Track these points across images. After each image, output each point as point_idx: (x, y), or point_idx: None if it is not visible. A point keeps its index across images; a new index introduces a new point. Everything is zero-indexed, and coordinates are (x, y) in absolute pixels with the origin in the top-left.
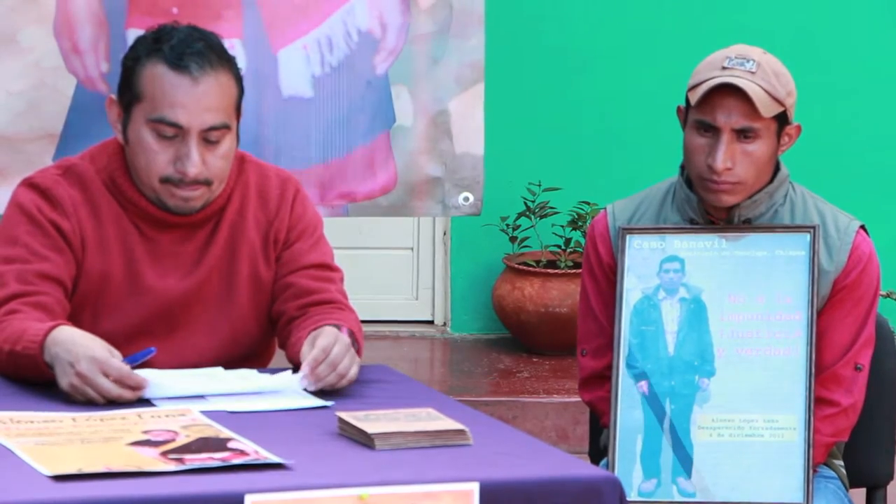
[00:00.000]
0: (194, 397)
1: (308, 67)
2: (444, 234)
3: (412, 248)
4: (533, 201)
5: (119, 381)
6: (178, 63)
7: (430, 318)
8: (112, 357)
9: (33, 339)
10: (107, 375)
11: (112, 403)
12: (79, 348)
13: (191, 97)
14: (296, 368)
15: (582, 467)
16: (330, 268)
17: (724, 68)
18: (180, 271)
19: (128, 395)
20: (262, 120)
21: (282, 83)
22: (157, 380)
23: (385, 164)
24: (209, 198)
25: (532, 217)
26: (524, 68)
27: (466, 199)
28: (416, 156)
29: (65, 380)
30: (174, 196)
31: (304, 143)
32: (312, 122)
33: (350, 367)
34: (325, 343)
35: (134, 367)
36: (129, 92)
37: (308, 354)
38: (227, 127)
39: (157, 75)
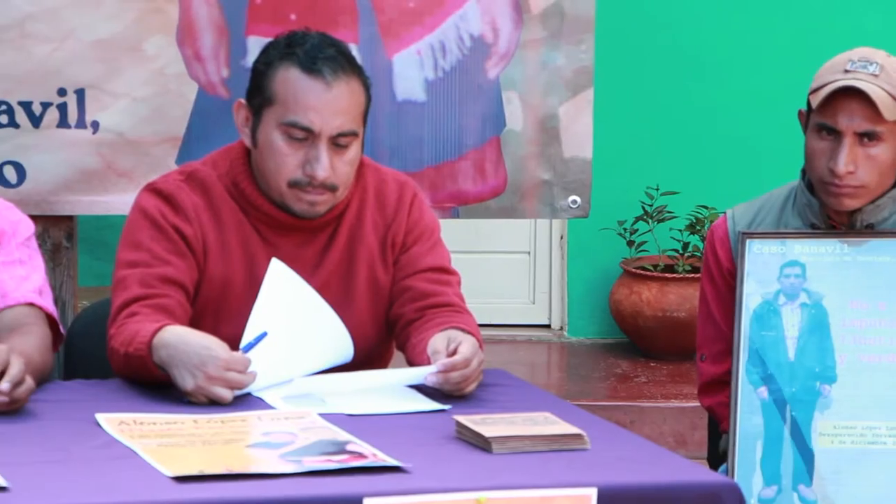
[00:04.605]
0: (316, 399)
1: (422, 72)
2: (561, 238)
3: (529, 253)
4: (651, 205)
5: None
6: (312, 67)
7: (546, 323)
8: (231, 351)
9: (142, 340)
10: (229, 370)
11: (233, 402)
12: (200, 349)
13: (323, 101)
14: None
15: (701, 473)
16: (447, 271)
17: (846, 71)
18: (300, 276)
19: (249, 378)
20: (377, 123)
21: (396, 87)
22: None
23: (495, 168)
24: (333, 203)
25: (650, 221)
26: (642, 72)
27: (574, 202)
28: (525, 160)
29: (190, 382)
30: (301, 200)
31: (417, 145)
32: (425, 125)
33: (472, 385)
34: (468, 353)
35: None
36: (260, 95)
37: (440, 347)
38: (355, 134)
39: (291, 79)
